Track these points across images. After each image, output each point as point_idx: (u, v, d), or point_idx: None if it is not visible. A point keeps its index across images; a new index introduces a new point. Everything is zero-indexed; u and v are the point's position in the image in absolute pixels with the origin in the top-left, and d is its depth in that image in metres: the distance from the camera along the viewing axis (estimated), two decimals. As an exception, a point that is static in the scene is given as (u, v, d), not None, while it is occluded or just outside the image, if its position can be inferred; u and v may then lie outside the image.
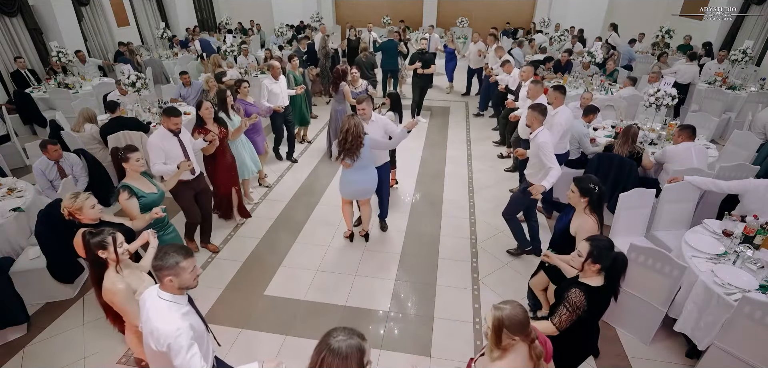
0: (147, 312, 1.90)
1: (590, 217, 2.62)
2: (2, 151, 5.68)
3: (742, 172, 3.97)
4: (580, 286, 2.13)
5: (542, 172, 3.55)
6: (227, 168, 4.46)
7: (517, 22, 14.08)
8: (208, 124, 4.18)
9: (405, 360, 3.14)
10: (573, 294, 2.11)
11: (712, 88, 7.05)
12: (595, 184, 2.60)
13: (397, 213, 5.00)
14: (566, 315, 2.10)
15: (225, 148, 4.39)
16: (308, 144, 7.07)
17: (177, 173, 3.58)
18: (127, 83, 5.79)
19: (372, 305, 3.63)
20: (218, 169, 4.37)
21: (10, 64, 7.85)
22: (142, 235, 2.71)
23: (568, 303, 2.11)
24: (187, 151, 3.78)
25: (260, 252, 4.35)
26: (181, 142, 3.74)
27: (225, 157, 4.42)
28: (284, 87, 5.82)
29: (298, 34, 11.73)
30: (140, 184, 3.18)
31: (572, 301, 2.10)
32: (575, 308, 2.09)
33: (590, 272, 2.16)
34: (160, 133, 3.67)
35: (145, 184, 3.23)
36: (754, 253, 2.94)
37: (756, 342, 2.50)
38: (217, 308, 3.62)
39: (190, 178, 3.89)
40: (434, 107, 8.89)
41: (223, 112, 4.55)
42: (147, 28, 11.94)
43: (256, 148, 5.26)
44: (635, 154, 4.25)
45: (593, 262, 2.13)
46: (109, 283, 2.27)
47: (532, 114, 3.62)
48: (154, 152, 3.62)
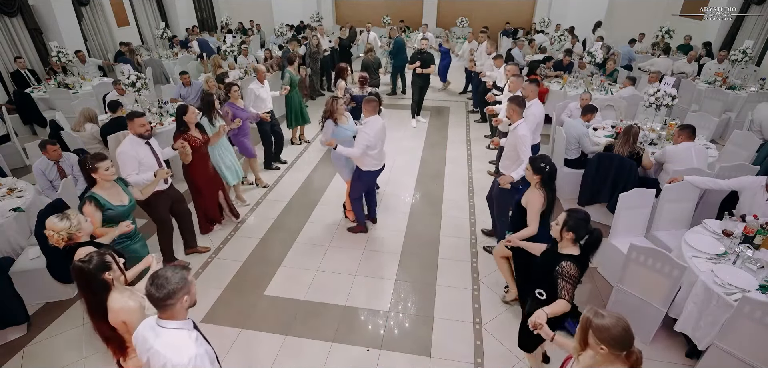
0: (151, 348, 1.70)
1: (540, 192, 2.89)
2: (2, 151, 5.68)
3: (742, 172, 3.96)
4: (567, 257, 2.24)
5: (516, 163, 3.65)
6: (210, 176, 4.35)
7: (517, 22, 14.07)
8: (192, 129, 4.03)
9: (405, 360, 3.14)
10: (567, 266, 2.21)
11: (712, 88, 7.05)
12: (546, 164, 2.86)
13: (397, 213, 5.00)
14: (568, 287, 2.20)
15: (206, 155, 4.27)
16: (307, 144, 7.06)
17: (154, 182, 3.38)
18: (126, 83, 5.79)
19: (372, 305, 3.63)
20: (200, 177, 4.25)
21: (10, 64, 7.85)
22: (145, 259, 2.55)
23: (565, 276, 2.20)
24: (159, 158, 3.61)
25: (260, 252, 4.35)
26: (153, 148, 3.57)
27: (207, 165, 4.29)
28: (268, 91, 5.74)
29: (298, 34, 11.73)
30: (110, 194, 2.94)
31: (569, 273, 2.20)
32: (573, 278, 2.20)
33: (567, 241, 2.28)
34: (130, 140, 3.46)
35: (116, 194, 2.99)
36: (754, 253, 2.94)
37: (756, 342, 2.50)
38: (217, 308, 3.62)
39: (164, 187, 3.73)
40: (434, 107, 8.89)
41: (206, 117, 4.43)
42: (147, 28, 11.94)
43: (246, 152, 5.21)
44: (636, 154, 4.25)
45: (568, 231, 2.25)
46: (120, 304, 2.04)
47: (511, 106, 3.77)
48: (126, 162, 3.39)
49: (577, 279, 2.21)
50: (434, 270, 4.05)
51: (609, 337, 1.59)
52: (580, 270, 2.23)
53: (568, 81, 7.47)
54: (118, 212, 2.93)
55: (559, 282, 2.22)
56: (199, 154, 4.11)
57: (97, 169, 2.86)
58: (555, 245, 2.39)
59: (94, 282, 2.02)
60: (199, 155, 4.09)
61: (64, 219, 2.37)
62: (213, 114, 4.48)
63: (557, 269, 2.23)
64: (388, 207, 5.11)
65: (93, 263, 2.01)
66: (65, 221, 2.37)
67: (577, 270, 2.21)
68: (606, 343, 1.60)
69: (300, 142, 7.04)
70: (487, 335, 3.33)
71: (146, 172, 3.46)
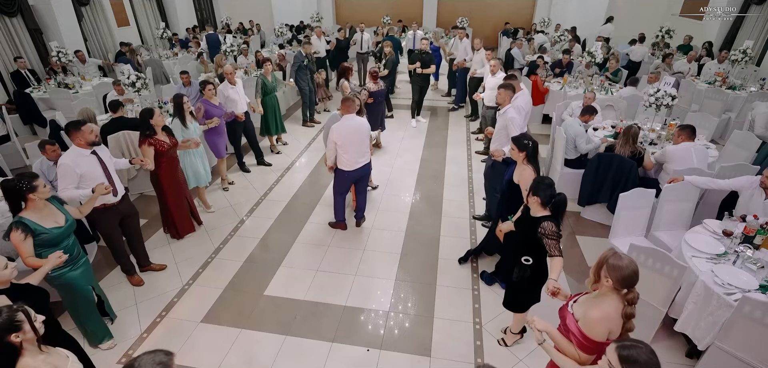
0: None
1: (528, 167, 3.09)
2: (2, 151, 5.68)
3: (742, 172, 3.96)
4: (542, 218, 2.50)
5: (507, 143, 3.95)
6: (179, 182, 4.16)
7: (517, 22, 14.08)
8: (158, 134, 3.81)
9: (405, 360, 3.14)
10: (547, 226, 2.46)
11: (712, 88, 7.05)
12: (528, 140, 3.12)
13: (397, 213, 5.00)
14: (554, 243, 2.45)
15: (175, 159, 4.04)
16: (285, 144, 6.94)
17: (92, 199, 2.99)
18: (126, 83, 5.78)
19: (372, 305, 3.63)
20: (169, 183, 4.04)
21: (10, 64, 7.85)
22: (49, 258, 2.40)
23: (548, 235, 2.45)
24: (108, 169, 3.29)
25: (260, 252, 4.35)
26: (101, 159, 3.24)
27: (176, 170, 4.07)
28: (242, 93, 5.57)
29: (298, 34, 11.73)
30: (43, 216, 2.60)
31: (551, 231, 2.45)
32: (555, 234, 2.45)
33: (535, 205, 2.54)
34: (72, 151, 3.16)
35: (50, 215, 2.66)
36: (754, 253, 2.94)
37: (756, 342, 2.50)
38: (217, 308, 3.62)
39: (114, 201, 3.39)
40: (434, 107, 8.89)
41: (179, 119, 4.25)
42: (147, 28, 11.94)
43: (217, 152, 5.08)
44: (637, 155, 4.24)
45: (534, 195, 2.53)
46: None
47: (503, 92, 4.14)
48: (64, 174, 3.07)
49: (558, 234, 2.46)
50: (434, 270, 4.05)
51: (619, 276, 1.83)
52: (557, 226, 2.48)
53: (568, 81, 7.47)
54: (53, 236, 2.60)
55: (545, 242, 2.46)
56: (168, 159, 3.91)
57: (36, 189, 2.52)
58: (526, 212, 2.66)
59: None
60: (167, 159, 3.90)
61: None
62: (184, 117, 4.30)
63: (540, 231, 2.46)
64: (389, 208, 5.11)
65: None
66: None
67: (555, 227, 2.45)
68: (614, 279, 1.84)
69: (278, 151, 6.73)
70: (487, 335, 3.33)
71: (89, 186, 3.10)
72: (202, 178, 4.63)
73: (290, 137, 7.25)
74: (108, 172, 3.29)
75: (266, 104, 6.24)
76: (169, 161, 3.95)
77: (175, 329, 3.41)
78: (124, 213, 3.57)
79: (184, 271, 4.05)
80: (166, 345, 3.24)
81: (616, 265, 1.84)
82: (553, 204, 2.51)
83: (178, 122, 4.27)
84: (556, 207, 2.53)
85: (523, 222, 2.72)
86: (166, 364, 1.43)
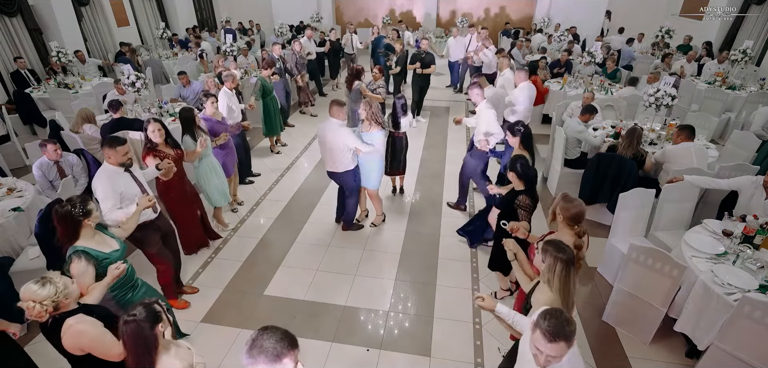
0: None
1: (525, 152, 3.40)
2: (2, 151, 5.69)
3: (741, 172, 3.96)
4: (520, 192, 2.95)
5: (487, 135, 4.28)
6: (188, 197, 3.92)
7: (517, 23, 14.07)
8: (160, 146, 3.57)
9: (405, 360, 3.14)
10: (522, 199, 2.91)
11: (712, 88, 7.05)
12: (521, 125, 3.46)
13: (397, 213, 5.00)
14: (525, 214, 2.90)
15: (182, 174, 3.83)
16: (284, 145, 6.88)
17: (136, 212, 2.83)
18: (126, 83, 5.78)
19: (372, 305, 3.63)
20: (176, 200, 3.83)
21: (10, 64, 7.85)
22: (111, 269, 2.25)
23: (522, 206, 2.90)
24: (143, 185, 3.15)
25: (260, 252, 4.35)
26: (134, 176, 3.09)
27: (183, 185, 3.85)
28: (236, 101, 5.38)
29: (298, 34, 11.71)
30: (96, 242, 2.42)
31: (524, 204, 2.90)
32: (528, 207, 2.91)
33: (514, 180, 2.97)
34: (107, 171, 2.94)
35: (103, 241, 2.48)
36: (754, 253, 2.94)
37: (756, 342, 2.50)
38: (217, 308, 3.62)
39: (154, 217, 3.24)
40: (434, 107, 8.89)
41: (188, 134, 3.93)
42: (147, 28, 11.93)
43: (226, 171, 4.63)
44: (639, 156, 4.23)
45: (510, 171, 2.97)
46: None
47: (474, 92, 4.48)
48: (105, 197, 2.89)
49: (532, 208, 2.93)
50: (434, 270, 4.05)
51: (568, 214, 2.36)
52: (531, 200, 2.93)
53: (568, 81, 7.47)
54: (112, 260, 2.43)
55: (519, 212, 2.93)
56: (175, 176, 3.71)
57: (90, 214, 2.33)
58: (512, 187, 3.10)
59: (146, 339, 1.68)
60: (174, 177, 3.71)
61: (46, 285, 1.83)
62: (195, 129, 3.97)
63: (516, 202, 2.94)
64: (388, 208, 5.11)
65: (141, 316, 1.68)
66: (49, 287, 1.83)
67: (529, 201, 2.92)
68: (565, 217, 2.38)
69: (278, 151, 6.68)
70: (487, 335, 3.33)
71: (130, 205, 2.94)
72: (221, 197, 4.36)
73: (290, 138, 7.25)
74: (143, 187, 3.13)
75: (267, 105, 6.19)
76: (177, 177, 3.73)
77: (175, 329, 3.41)
78: (164, 230, 3.42)
79: (185, 271, 4.04)
80: (166, 345, 3.25)
81: (566, 206, 2.36)
82: (527, 178, 2.92)
83: (189, 138, 3.93)
84: (529, 181, 2.93)
85: (508, 195, 3.18)
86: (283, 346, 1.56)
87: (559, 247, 1.95)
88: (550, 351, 1.52)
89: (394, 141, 4.78)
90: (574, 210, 2.31)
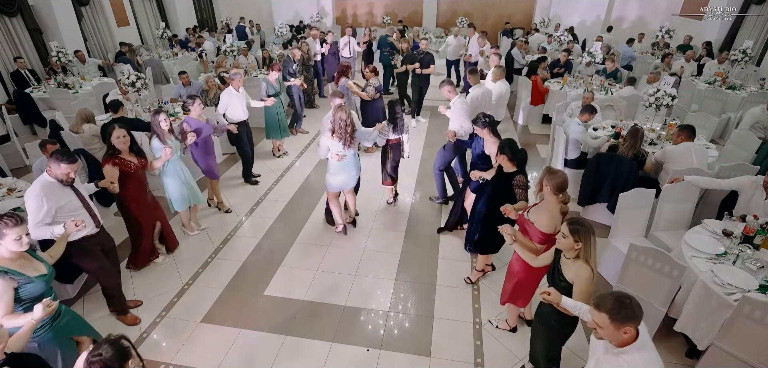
0: None
1: (493, 137, 3.67)
2: (2, 151, 5.69)
3: (742, 172, 3.96)
4: (514, 173, 3.12)
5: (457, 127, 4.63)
6: (149, 207, 3.77)
7: (517, 23, 14.08)
8: (124, 153, 3.43)
9: (405, 360, 3.14)
10: (520, 179, 3.09)
11: (712, 88, 7.05)
12: (487, 116, 3.72)
13: (397, 213, 5.00)
14: (523, 192, 3.09)
15: (144, 182, 3.70)
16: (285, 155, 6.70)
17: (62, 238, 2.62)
18: (126, 83, 5.78)
19: (372, 305, 3.63)
20: (137, 208, 3.66)
21: (10, 64, 7.85)
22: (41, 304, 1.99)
23: (520, 186, 3.09)
24: (86, 201, 2.95)
25: (260, 252, 4.35)
26: (77, 190, 2.89)
27: (144, 193, 3.70)
28: (244, 100, 5.29)
29: (298, 34, 11.71)
30: (20, 264, 2.18)
31: (522, 183, 3.09)
32: (525, 185, 3.11)
33: (506, 163, 3.13)
34: (42, 183, 2.73)
35: (28, 263, 2.24)
36: (754, 253, 2.94)
37: (756, 342, 2.50)
38: (217, 308, 3.62)
39: (95, 232, 3.07)
40: (434, 107, 8.87)
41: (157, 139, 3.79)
42: (147, 28, 11.93)
43: (210, 173, 4.65)
44: (640, 157, 4.23)
45: (501, 154, 3.13)
46: None
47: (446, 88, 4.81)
48: (32, 210, 2.67)
49: (527, 185, 3.13)
50: (434, 270, 4.05)
51: (554, 184, 2.57)
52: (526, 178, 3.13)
53: (567, 81, 7.47)
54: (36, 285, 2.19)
55: (517, 191, 3.09)
56: (135, 181, 3.56)
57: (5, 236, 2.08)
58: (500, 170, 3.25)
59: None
60: (135, 182, 3.56)
61: None
62: (163, 136, 3.81)
63: (514, 182, 3.10)
64: (389, 208, 5.11)
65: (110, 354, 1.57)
66: None
67: (525, 179, 3.11)
68: (551, 186, 2.58)
69: (280, 155, 6.55)
70: (487, 335, 3.33)
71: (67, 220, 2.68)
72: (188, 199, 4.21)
73: (292, 141, 7.23)
74: (86, 202, 2.95)
75: (269, 108, 5.99)
76: (137, 184, 3.60)
77: (175, 329, 3.41)
78: (106, 246, 3.25)
79: (184, 271, 4.05)
80: (166, 345, 3.26)
81: (551, 176, 2.58)
82: (518, 159, 3.11)
83: (157, 142, 3.80)
84: (520, 161, 3.12)
85: (498, 178, 3.30)
86: None
87: (583, 223, 2.15)
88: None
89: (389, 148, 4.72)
90: (558, 180, 2.56)
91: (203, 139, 4.49)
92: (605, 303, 1.70)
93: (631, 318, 1.66)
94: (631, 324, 1.67)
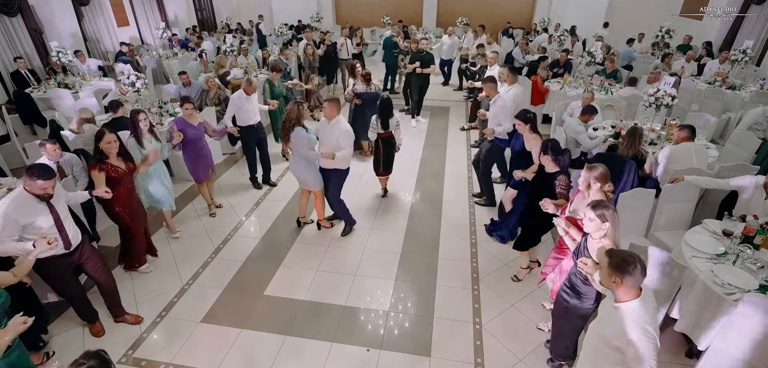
0: None
1: (536, 136, 3.79)
2: (2, 151, 5.68)
3: (742, 172, 3.96)
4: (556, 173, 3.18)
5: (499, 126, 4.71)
6: (137, 209, 3.78)
7: (517, 22, 14.07)
8: (112, 159, 3.38)
9: (405, 360, 3.14)
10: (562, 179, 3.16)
11: (712, 88, 7.05)
12: (530, 113, 3.86)
13: (397, 213, 5.00)
14: (564, 193, 3.13)
15: (132, 187, 3.69)
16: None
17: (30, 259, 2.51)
18: (126, 83, 5.78)
19: (372, 305, 3.63)
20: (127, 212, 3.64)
21: (10, 64, 7.85)
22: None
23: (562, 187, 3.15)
24: (60, 218, 2.76)
25: (260, 252, 4.35)
26: (54, 208, 2.71)
27: (132, 198, 3.70)
28: (256, 102, 5.24)
29: (298, 34, 11.69)
30: None
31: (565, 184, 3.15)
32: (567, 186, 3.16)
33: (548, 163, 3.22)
34: (15, 197, 2.59)
35: None
36: (753, 253, 2.94)
37: (756, 342, 2.50)
38: (217, 308, 3.62)
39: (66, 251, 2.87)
40: (434, 107, 8.89)
41: (134, 138, 3.77)
42: (147, 28, 11.94)
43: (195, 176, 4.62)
44: (639, 157, 4.23)
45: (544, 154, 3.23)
46: None
47: (488, 85, 4.98)
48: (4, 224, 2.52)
49: (569, 186, 3.18)
50: (434, 270, 4.05)
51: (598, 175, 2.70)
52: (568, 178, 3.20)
53: (567, 81, 7.47)
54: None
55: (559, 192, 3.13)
56: (124, 187, 3.52)
57: None
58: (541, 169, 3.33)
59: None
60: (124, 188, 3.52)
61: None
62: (140, 136, 3.82)
63: (557, 182, 3.14)
64: (389, 208, 5.11)
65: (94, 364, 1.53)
66: None
67: (568, 181, 3.17)
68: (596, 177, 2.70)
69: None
70: (487, 335, 3.33)
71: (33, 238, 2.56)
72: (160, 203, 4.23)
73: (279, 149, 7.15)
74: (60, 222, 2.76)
75: (273, 110, 6.00)
76: (126, 189, 3.57)
77: (175, 329, 3.41)
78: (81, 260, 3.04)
79: (184, 271, 4.05)
80: (166, 345, 3.26)
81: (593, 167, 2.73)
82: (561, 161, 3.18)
83: (134, 142, 3.81)
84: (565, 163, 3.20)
85: (538, 178, 3.39)
86: None
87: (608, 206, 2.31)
88: None
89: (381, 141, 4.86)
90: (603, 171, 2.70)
91: (192, 141, 4.44)
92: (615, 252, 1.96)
93: (621, 270, 1.86)
94: (618, 275, 1.87)
